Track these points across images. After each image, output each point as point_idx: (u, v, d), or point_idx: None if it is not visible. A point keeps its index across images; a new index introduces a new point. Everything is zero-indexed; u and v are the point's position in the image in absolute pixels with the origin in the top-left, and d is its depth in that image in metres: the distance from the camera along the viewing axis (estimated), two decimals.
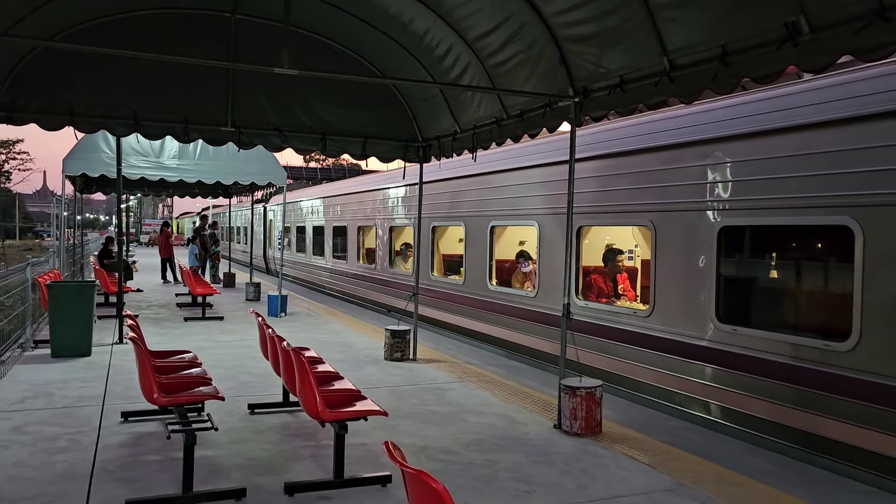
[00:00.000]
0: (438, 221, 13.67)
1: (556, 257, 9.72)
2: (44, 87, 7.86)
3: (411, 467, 2.44)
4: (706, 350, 7.27)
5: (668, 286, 7.94)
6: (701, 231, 7.47)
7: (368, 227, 18.31)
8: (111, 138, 12.91)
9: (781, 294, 7.18)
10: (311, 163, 65.84)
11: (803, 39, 4.31)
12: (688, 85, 5.31)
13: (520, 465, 5.48)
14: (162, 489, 4.79)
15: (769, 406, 6.60)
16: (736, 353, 6.94)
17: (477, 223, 12.05)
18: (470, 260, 12.43)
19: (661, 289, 8.01)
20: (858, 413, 5.79)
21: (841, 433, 5.92)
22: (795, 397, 6.34)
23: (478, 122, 8.42)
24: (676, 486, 5.11)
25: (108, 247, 19.24)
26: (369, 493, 4.85)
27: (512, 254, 12.25)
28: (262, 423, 6.51)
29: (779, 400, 6.50)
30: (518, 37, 6.84)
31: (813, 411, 6.20)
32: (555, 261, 9.81)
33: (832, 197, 6.10)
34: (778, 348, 6.52)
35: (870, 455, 5.67)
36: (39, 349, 9.85)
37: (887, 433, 5.52)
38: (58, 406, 6.91)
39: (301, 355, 4.96)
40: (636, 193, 8.48)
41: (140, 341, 5.36)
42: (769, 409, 6.61)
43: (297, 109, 9.12)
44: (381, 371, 8.94)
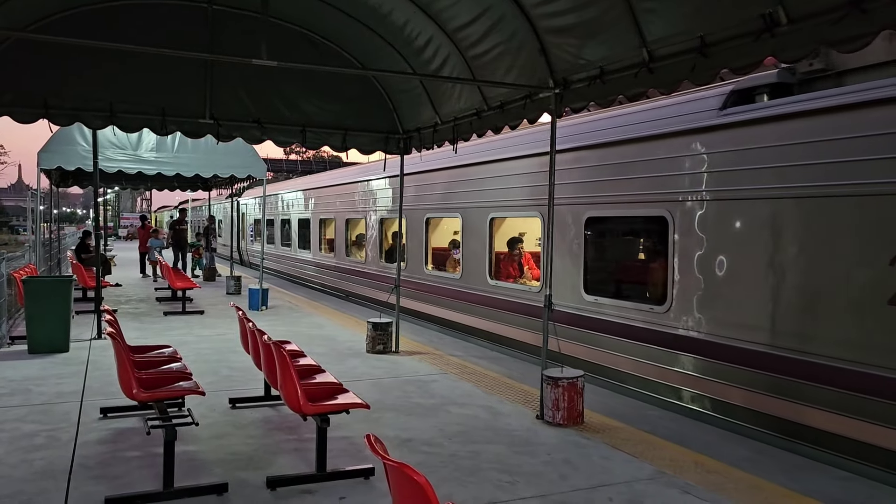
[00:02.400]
0: (387, 215, 15.51)
1: (478, 244, 11.33)
2: (17, 79, 7.72)
3: (393, 460, 2.44)
4: (578, 317, 9.11)
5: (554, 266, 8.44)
6: (573, 220, 9.29)
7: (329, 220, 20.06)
8: (87, 131, 12.71)
9: (625, 271, 9.18)
10: (291, 155, 65.45)
11: (781, 30, 4.34)
12: (667, 76, 5.33)
13: (502, 455, 5.50)
14: (142, 485, 4.74)
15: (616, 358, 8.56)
16: (597, 319, 8.85)
17: (415, 216, 13.69)
18: (411, 248, 13.91)
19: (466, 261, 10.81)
20: (670, 358, 7.73)
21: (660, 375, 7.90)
22: (634, 350, 8.23)
23: (458, 113, 8.41)
24: (657, 474, 5.15)
25: (85, 241, 19.03)
26: (352, 485, 4.85)
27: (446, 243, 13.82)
28: (243, 417, 6.47)
29: (624, 352, 8.40)
30: (498, 28, 6.82)
31: (642, 359, 8.13)
32: (476, 248, 11.40)
33: (654, 194, 7.98)
34: (624, 313, 8.42)
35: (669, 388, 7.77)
36: (16, 345, 9.72)
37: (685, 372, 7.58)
38: (35, 403, 6.82)
39: (282, 349, 4.94)
40: (530, 191, 10.20)
41: (118, 336, 5.31)
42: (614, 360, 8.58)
43: (276, 101, 9.04)
44: (364, 364, 8.93)
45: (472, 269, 11.68)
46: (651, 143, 8.07)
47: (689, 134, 7.55)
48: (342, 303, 15.95)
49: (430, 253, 13.53)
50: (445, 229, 13.79)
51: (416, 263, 13.72)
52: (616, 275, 9.21)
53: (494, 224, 11.29)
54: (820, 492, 4.88)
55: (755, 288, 6.80)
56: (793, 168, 6.47)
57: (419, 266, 13.63)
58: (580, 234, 9.23)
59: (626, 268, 9.18)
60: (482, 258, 11.41)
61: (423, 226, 13.45)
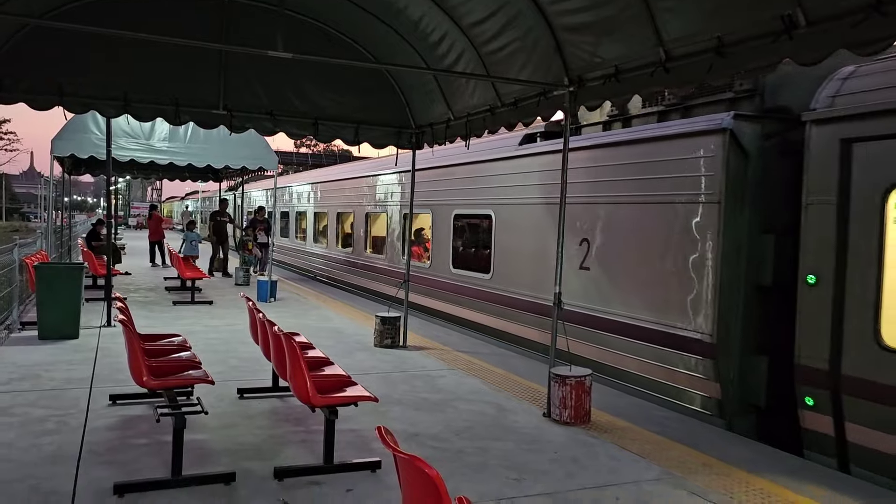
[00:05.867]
0: (371, 209, 17.14)
1: (443, 237, 13.25)
2: (33, 67, 7.76)
3: (404, 453, 2.45)
4: (448, 283, 12.70)
5: (437, 249, 13.25)
6: (446, 216, 12.88)
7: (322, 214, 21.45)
8: (101, 119, 12.77)
9: (472, 252, 12.40)
10: (301, 148, 65.55)
11: (799, 33, 4.32)
12: (683, 75, 5.31)
13: (510, 452, 5.51)
14: (151, 472, 4.77)
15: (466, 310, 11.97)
16: (459, 284, 12.32)
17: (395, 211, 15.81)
18: (389, 241, 15.97)
19: (434, 251, 13.38)
20: (495, 310, 11.06)
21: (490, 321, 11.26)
22: (473, 304, 11.77)
23: (471, 109, 8.40)
24: (665, 475, 5.14)
25: (96, 229, 19.12)
26: (359, 478, 4.86)
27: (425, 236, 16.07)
28: (251, 407, 6.50)
29: (468, 307, 11.90)
30: (513, 25, 6.81)
31: (477, 311, 11.62)
32: (441, 240, 13.31)
33: (484, 199, 11.52)
34: (471, 280, 11.85)
35: (494, 330, 11.09)
36: (26, 331, 9.78)
37: (504, 318, 10.83)
38: (45, 388, 6.87)
39: (292, 340, 4.95)
40: (427, 194, 13.29)
41: (129, 324, 5.34)
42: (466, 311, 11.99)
43: (290, 94, 9.05)
44: (372, 357, 8.95)
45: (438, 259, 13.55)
46: (485, 164, 11.59)
47: (502, 160, 11.07)
48: (349, 296, 15.98)
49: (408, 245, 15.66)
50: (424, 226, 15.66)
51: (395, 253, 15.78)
52: (468, 254, 12.54)
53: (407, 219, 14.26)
54: (828, 497, 4.86)
55: (531, 261, 10.21)
56: (541, 186, 10.00)
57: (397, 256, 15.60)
58: (450, 227, 12.74)
59: (473, 249, 12.49)
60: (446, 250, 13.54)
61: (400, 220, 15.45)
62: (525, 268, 10.32)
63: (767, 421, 7.03)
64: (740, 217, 7.10)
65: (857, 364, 5.86)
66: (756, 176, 7.12)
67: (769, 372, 6.94)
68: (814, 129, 6.36)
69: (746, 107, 7.67)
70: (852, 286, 5.95)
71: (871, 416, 5.73)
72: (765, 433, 6.86)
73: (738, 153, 7.12)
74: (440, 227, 13.23)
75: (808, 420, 6.32)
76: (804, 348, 6.30)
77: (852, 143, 6.03)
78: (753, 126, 7.21)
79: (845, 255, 6.02)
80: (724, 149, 7.08)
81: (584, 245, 9.01)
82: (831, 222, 6.12)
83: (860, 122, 5.96)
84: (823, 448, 6.20)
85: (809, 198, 6.35)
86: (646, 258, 8.03)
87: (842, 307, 6.02)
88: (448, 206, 12.96)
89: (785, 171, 6.92)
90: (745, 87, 7.67)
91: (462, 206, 12.44)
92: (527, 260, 10.29)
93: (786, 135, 7.05)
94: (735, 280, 7.09)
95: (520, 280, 10.37)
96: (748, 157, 7.14)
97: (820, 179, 6.26)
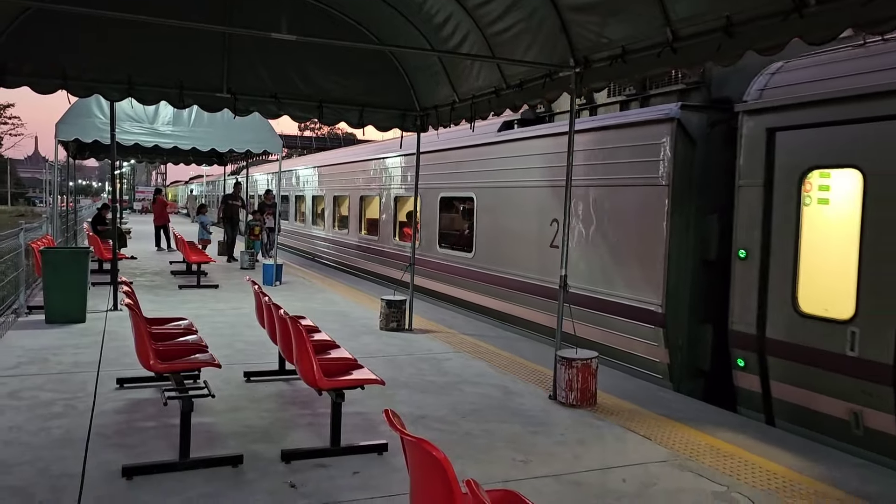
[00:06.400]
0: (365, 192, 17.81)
1: (430, 219, 13.82)
2: (36, 50, 7.73)
3: (412, 435, 2.44)
4: (434, 262, 13.26)
5: (425, 230, 13.78)
6: (433, 198, 13.47)
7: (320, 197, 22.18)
8: (104, 103, 12.73)
9: (455, 232, 13.08)
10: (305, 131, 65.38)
11: (809, 11, 4.26)
12: (691, 56, 5.26)
13: (516, 435, 5.52)
14: (159, 455, 4.80)
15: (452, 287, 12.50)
16: (445, 263, 12.91)
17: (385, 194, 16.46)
18: (383, 223, 16.70)
19: (423, 232, 13.83)
20: (476, 286, 11.80)
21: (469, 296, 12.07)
22: (455, 280, 12.38)
23: (477, 91, 8.35)
24: (671, 456, 5.15)
25: (102, 213, 19.14)
26: (366, 460, 4.88)
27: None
28: (258, 391, 6.52)
29: (452, 283, 12.45)
30: (519, 5, 6.74)
31: (460, 287, 12.27)
32: (429, 222, 13.90)
33: (468, 183, 12.07)
34: (456, 259, 12.46)
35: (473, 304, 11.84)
36: (33, 315, 9.82)
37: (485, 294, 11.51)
38: (53, 372, 6.90)
39: (298, 324, 4.95)
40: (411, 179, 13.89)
41: (136, 308, 5.34)
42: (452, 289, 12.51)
43: (294, 77, 9.02)
44: (378, 341, 8.96)
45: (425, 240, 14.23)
46: (467, 150, 12.09)
47: (483, 146, 11.65)
48: (354, 279, 15.99)
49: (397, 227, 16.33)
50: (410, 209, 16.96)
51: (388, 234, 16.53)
52: (453, 235, 13.19)
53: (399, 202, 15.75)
54: (837, 479, 4.86)
55: (509, 240, 10.87)
56: (518, 170, 10.65)
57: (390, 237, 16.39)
58: (437, 208, 13.35)
59: (457, 230, 13.17)
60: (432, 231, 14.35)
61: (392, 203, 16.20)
62: (504, 246, 11.05)
63: (712, 383, 7.66)
64: (688, 199, 7.71)
65: (778, 328, 6.60)
66: (702, 161, 7.71)
67: (714, 339, 7.60)
68: (745, 118, 6.99)
69: (695, 98, 8.23)
70: (775, 259, 6.66)
71: (790, 374, 6.49)
72: (708, 395, 7.43)
73: (686, 140, 7.70)
74: (428, 209, 13.82)
75: (740, 379, 7.05)
76: (736, 315, 7.02)
77: (776, 132, 6.68)
78: (699, 116, 7.79)
79: (769, 231, 6.72)
80: (673, 136, 7.67)
81: (554, 225, 9.80)
82: (759, 203, 6.80)
83: (782, 113, 6.62)
84: (753, 404, 6.91)
85: (741, 181, 7.03)
86: (607, 237, 8.75)
87: (766, 278, 6.72)
88: (435, 190, 13.57)
89: (728, 156, 7.37)
90: (693, 79, 8.23)
91: (447, 190, 13.17)
92: (506, 239, 11.02)
93: (728, 123, 7.52)
94: (683, 256, 7.73)
95: (500, 258, 11.14)
96: (695, 144, 7.71)
97: (750, 164, 6.93)
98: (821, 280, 6.41)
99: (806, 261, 6.43)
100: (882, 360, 5.65)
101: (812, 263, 6.44)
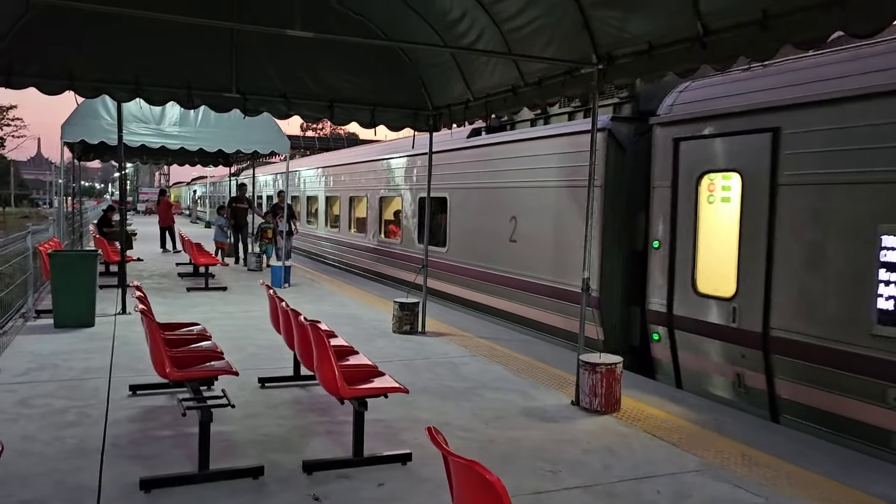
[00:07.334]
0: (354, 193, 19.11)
1: (411, 217, 15.07)
2: (43, 50, 7.58)
3: (462, 457, 2.28)
4: (415, 257, 13.69)
5: (407, 228, 15.25)
6: (414, 199, 14.84)
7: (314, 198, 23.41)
8: (111, 104, 12.61)
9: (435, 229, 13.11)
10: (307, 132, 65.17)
11: (852, 2, 4.08)
12: (722, 51, 5.07)
13: (542, 442, 5.36)
14: (176, 466, 4.65)
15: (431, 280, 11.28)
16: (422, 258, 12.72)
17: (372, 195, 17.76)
18: (369, 221, 17.92)
19: (404, 230, 15.40)
20: (450, 277, 12.76)
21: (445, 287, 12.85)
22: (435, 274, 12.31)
23: (492, 89, 8.18)
24: (703, 466, 4.98)
25: (107, 215, 19.01)
26: (390, 471, 4.72)
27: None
28: (273, 397, 6.37)
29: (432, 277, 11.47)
30: (538, 0, 6.56)
31: (437, 279, 12.72)
32: (410, 220, 15.15)
33: (442, 184, 12.80)
34: (435, 254, 12.63)
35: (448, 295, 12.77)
36: (41, 319, 9.68)
37: (461, 286, 12.50)
38: (64, 378, 6.75)
39: (319, 331, 4.80)
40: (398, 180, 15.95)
41: (150, 314, 5.19)
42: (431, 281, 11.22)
43: (304, 76, 8.85)
44: (392, 344, 8.80)
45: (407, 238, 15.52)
46: (442, 154, 12.72)
47: (455, 151, 12.66)
48: (362, 280, 15.85)
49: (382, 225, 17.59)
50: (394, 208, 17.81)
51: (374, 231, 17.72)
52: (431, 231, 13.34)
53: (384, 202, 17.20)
54: (879, 492, 4.70)
55: (476, 236, 12.01)
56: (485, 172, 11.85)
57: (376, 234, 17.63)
58: (418, 208, 14.46)
59: (435, 227, 13.36)
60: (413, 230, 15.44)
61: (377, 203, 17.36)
62: (472, 241, 12.29)
63: (640, 357, 8.60)
64: (619, 198, 8.84)
65: (682, 306, 7.81)
66: (631, 166, 8.76)
67: (642, 319, 8.61)
68: (657, 129, 8.20)
69: (626, 111, 9.31)
70: (680, 248, 7.86)
71: (692, 344, 7.67)
72: (637, 367, 8.37)
73: (617, 148, 8.89)
74: (409, 208, 15.26)
75: (656, 351, 8.27)
76: (652, 296, 8.27)
77: (679, 141, 7.88)
78: (628, 126, 8.95)
79: (675, 225, 7.91)
80: (605, 144, 8.79)
81: (512, 222, 10.91)
82: (667, 201, 8.00)
83: (683, 125, 7.84)
84: (666, 373, 8.02)
85: (655, 182, 8.25)
86: (554, 232, 9.96)
87: (673, 264, 7.93)
88: (415, 191, 14.91)
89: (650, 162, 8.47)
90: (624, 94, 9.12)
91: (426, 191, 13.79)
92: (474, 235, 12.24)
93: (651, 133, 8.45)
94: (614, 247, 8.89)
95: (469, 252, 12.39)
96: (625, 150, 8.86)
97: (661, 168, 8.15)
98: (714, 265, 7.51)
99: (703, 249, 7.64)
100: (754, 329, 6.84)
101: (708, 251, 7.61)
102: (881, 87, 5.81)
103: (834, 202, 6.18)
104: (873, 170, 5.86)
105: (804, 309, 6.41)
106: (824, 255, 6.25)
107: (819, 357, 6.24)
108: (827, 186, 6.24)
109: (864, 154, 5.94)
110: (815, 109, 6.37)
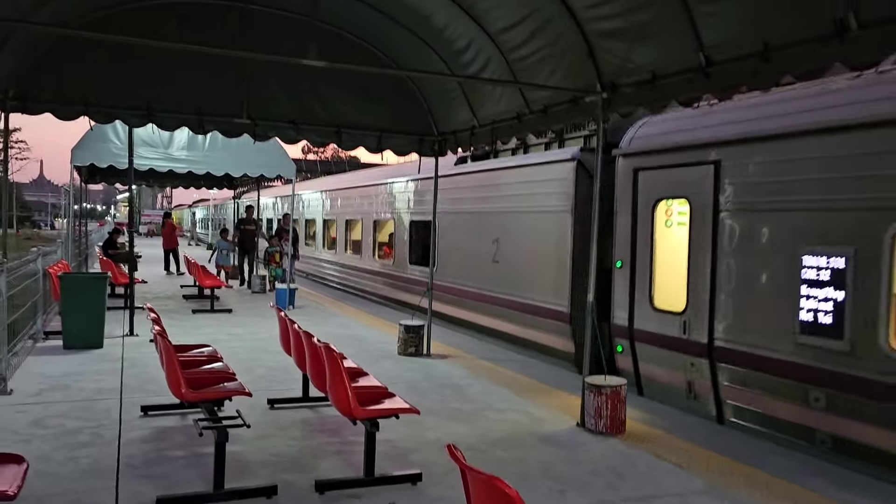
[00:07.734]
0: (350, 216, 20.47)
1: (402, 240, 16.26)
2: (58, 77, 7.76)
3: (483, 472, 2.38)
4: (406, 279, 15.64)
5: (399, 250, 16.37)
6: (406, 222, 16.03)
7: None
8: (120, 129, 12.79)
9: (420, 251, 14.69)
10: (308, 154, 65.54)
11: (851, 36, 4.24)
12: (724, 81, 5.22)
13: (549, 463, 5.43)
14: (190, 485, 4.72)
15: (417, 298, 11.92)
16: (414, 279, 15.05)
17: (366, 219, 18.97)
18: (364, 242, 19.01)
19: (396, 251, 16.60)
20: (443, 297, 13.11)
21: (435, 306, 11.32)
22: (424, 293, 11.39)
23: (497, 116, 8.34)
24: (709, 487, 5.06)
25: (112, 237, 19.15)
26: (400, 491, 4.80)
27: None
28: (283, 418, 6.45)
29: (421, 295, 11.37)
30: (544, 30, 6.75)
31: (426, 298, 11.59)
32: (401, 242, 16.34)
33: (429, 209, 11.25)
34: (422, 273, 13.91)
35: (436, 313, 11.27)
36: (50, 340, 9.77)
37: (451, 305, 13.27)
38: (76, 399, 6.83)
39: (333, 353, 4.90)
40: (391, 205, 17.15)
41: (165, 336, 5.30)
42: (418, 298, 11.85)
43: (312, 102, 9.03)
44: (397, 366, 8.89)
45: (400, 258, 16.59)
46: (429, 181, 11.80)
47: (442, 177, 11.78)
48: (365, 302, 15.94)
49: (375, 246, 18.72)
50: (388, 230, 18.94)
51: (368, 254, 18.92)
52: (419, 253, 15.00)
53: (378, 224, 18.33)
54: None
55: (461, 256, 13.05)
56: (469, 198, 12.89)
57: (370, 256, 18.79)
58: (407, 231, 15.77)
59: (421, 250, 14.70)
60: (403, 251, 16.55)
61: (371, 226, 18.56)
62: (457, 262, 13.28)
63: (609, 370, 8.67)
64: (587, 223, 8.92)
65: (641, 320, 8.55)
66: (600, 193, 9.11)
67: (609, 333, 9.22)
68: (620, 160, 9.03)
69: (594, 143, 9.47)
70: (638, 268, 8.61)
71: (650, 355, 8.40)
72: None
73: (585, 177, 9.74)
74: (400, 231, 16.33)
75: (620, 362, 9.00)
76: (616, 311, 9.02)
77: (638, 171, 8.69)
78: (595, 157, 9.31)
79: (635, 247, 8.67)
80: (575, 173, 9.84)
81: (495, 244, 11.88)
82: (628, 225, 8.79)
83: (641, 157, 8.68)
84: (630, 382, 8.09)
85: (617, 207, 9.04)
86: (531, 254, 10.85)
87: (634, 282, 8.68)
88: (406, 215, 16.13)
89: None
90: (593, 128, 9.44)
91: (415, 215, 15.62)
92: (459, 256, 13.25)
93: (614, 164, 9.19)
94: (584, 268, 8.96)
95: (454, 272, 13.33)
96: (593, 179, 9.03)
97: (623, 195, 8.95)
98: (668, 282, 8.24)
99: (659, 268, 8.41)
100: (701, 340, 7.59)
101: (663, 270, 8.37)
102: (802, 126, 6.57)
103: (763, 227, 7.01)
104: (795, 199, 6.67)
105: (740, 321, 7.23)
106: (756, 274, 7.06)
107: (754, 363, 7.02)
108: (757, 213, 7.09)
109: (787, 184, 6.76)
110: (748, 145, 7.18)
